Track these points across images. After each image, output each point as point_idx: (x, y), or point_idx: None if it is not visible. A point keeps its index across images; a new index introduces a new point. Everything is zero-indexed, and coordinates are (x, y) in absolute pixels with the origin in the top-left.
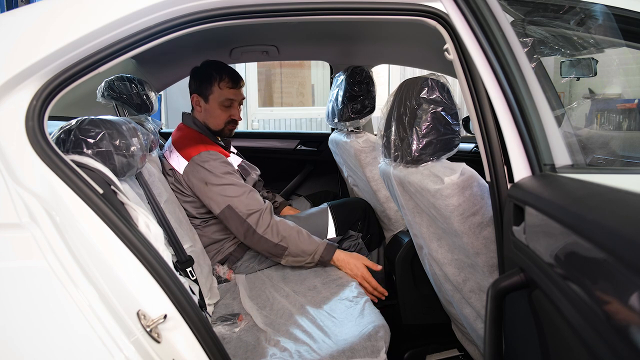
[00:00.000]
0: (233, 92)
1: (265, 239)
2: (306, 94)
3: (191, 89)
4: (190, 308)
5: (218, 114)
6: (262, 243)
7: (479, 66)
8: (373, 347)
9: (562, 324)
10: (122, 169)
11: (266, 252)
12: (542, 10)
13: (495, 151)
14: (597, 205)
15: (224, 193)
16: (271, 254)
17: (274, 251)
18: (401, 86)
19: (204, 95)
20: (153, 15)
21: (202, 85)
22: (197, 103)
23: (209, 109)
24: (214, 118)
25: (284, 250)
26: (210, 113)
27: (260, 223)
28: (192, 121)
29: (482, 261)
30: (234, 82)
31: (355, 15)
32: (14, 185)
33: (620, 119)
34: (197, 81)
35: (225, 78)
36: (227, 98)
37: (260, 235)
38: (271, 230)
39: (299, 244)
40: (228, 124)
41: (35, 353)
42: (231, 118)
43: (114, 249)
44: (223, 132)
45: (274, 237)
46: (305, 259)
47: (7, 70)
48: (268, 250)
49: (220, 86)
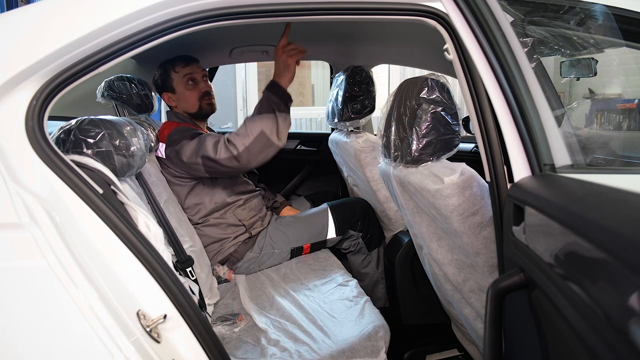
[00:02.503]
0: (189, 69)
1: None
2: (306, 94)
3: (159, 92)
4: (190, 308)
5: (188, 95)
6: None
7: (479, 66)
8: (373, 347)
9: (561, 324)
10: (122, 169)
11: (258, 152)
12: (542, 10)
13: (495, 151)
14: (597, 205)
15: (194, 148)
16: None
17: (263, 141)
18: (401, 86)
19: (169, 87)
20: (153, 15)
21: (163, 81)
22: (169, 100)
23: (179, 96)
24: (187, 100)
25: (263, 136)
26: (182, 98)
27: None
28: (175, 115)
29: (482, 261)
30: (185, 61)
31: (355, 15)
32: (13, 185)
33: (620, 119)
34: (159, 81)
35: (175, 62)
36: (185, 75)
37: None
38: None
39: (258, 124)
40: (202, 99)
41: (35, 353)
42: (202, 92)
43: (114, 249)
44: (203, 110)
45: (247, 140)
46: (270, 135)
47: (7, 70)
48: (258, 149)
49: (176, 70)
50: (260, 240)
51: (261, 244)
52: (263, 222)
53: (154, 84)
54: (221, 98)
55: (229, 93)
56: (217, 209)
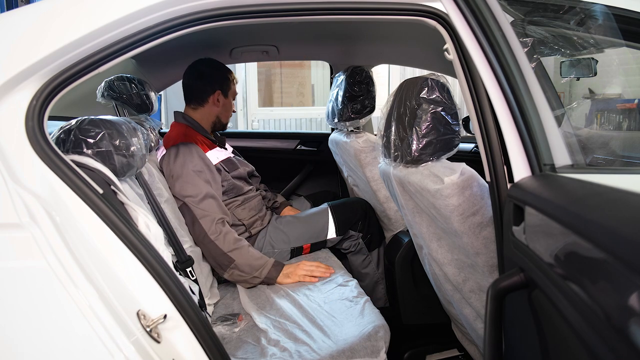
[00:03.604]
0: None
1: (214, 245)
2: (306, 94)
3: (212, 86)
4: (190, 308)
5: (230, 106)
6: (211, 249)
7: (479, 66)
8: (373, 347)
9: (561, 324)
10: (122, 169)
11: (212, 260)
12: (542, 10)
13: (495, 151)
14: (597, 205)
15: (182, 190)
16: (217, 263)
17: (221, 260)
18: (401, 86)
19: (225, 91)
20: (153, 15)
21: (223, 82)
22: (216, 99)
23: (226, 104)
24: (228, 111)
25: (231, 262)
26: (227, 107)
27: (213, 229)
28: (182, 117)
29: (482, 261)
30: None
31: (355, 15)
32: (14, 185)
33: (620, 119)
34: (219, 78)
35: (232, 73)
36: (235, 91)
37: (210, 240)
38: (223, 238)
39: (247, 258)
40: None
41: (35, 353)
42: (234, 110)
43: (114, 249)
44: (224, 125)
45: (224, 245)
46: (251, 274)
47: (7, 70)
48: (215, 258)
49: (234, 81)
50: (260, 240)
51: (261, 243)
52: (263, 221)
53: (207, 75)
54: None
55: None
56: None
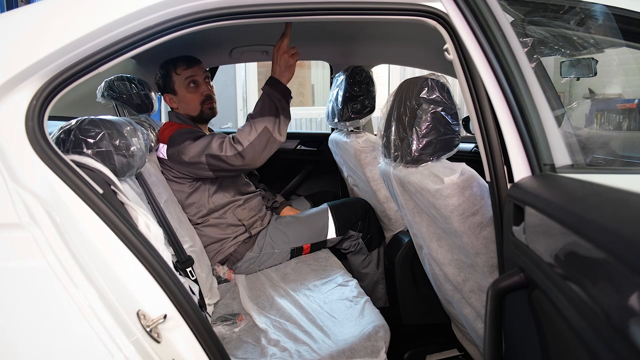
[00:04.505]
0: (191, 71)
1: (252, 146)
2: (306, 94)
3: (161, 92)
4: (190, 308)
5: (190, 98)
6: (256, 146)
7: (479, 66)
8: (373, 347)
9: (561, 324)
10: (122, 169)
11: (262, 148)
12: (542, 10)
13: (495, 151)
14: (597, 205)
15: (198, 148)
16: (266, 142)
17: (266, 137)
18: (401, 86)
19: (170, 89)
20: (153, 15)
21: (164, 82)
22: (171, 101)
23: (181, 98)
24: (188, 103)
25: (267, 132)
26: (183, 100)
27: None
28: (176, 116)
29: (482, 261)
30: (187, 62)
31: (355, 15)
32: (13, 185)
33: (620, 119)
34: (161, 82)
35: (177, 63)
36: (187, 77)
37: (247, 145)
38: (246, 135)
39: (262, 120)
40: (204, 103)
41: (35, 353)
42: (203, 96)
43: (114, 249)
44: (204, 114)
45: (252, 136)
46: (277, 114)
47: (7, 70)
48: (262, 145)
49: (178, 72)
50: (260, 240)
51: (261, 243)
52: (263, 221)
53: (156, 84)
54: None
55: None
56: (217, 208)
